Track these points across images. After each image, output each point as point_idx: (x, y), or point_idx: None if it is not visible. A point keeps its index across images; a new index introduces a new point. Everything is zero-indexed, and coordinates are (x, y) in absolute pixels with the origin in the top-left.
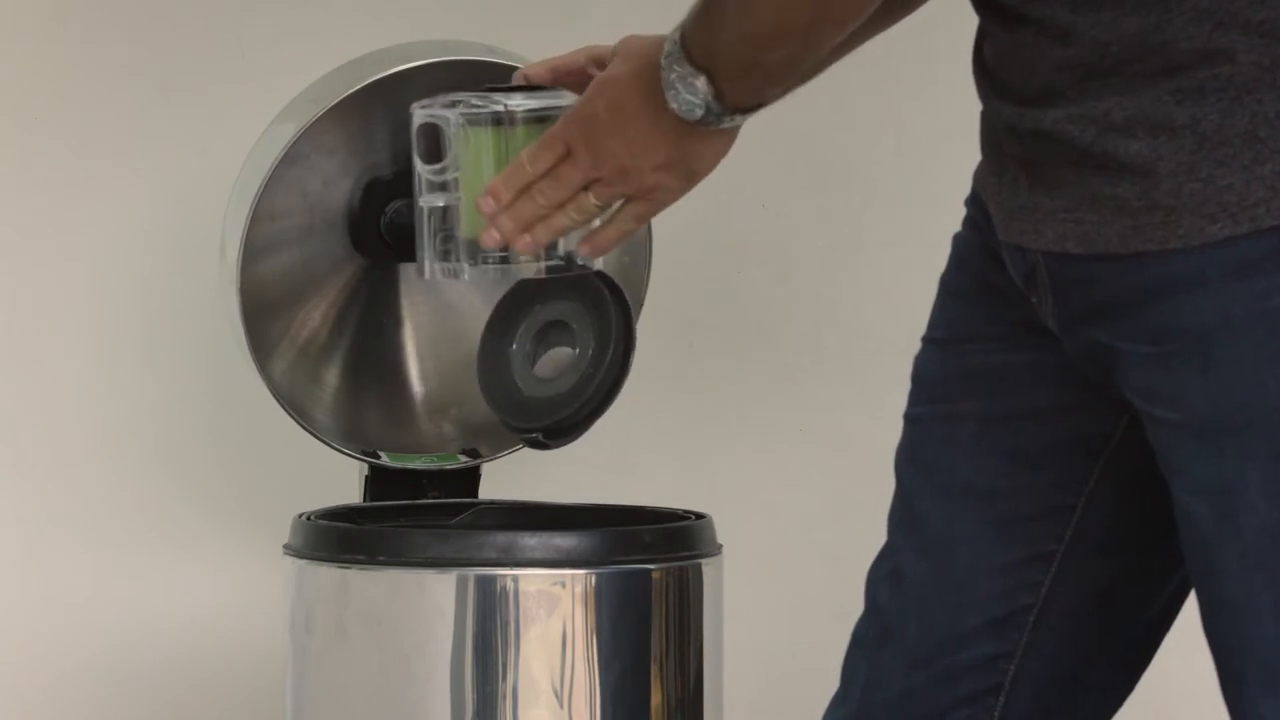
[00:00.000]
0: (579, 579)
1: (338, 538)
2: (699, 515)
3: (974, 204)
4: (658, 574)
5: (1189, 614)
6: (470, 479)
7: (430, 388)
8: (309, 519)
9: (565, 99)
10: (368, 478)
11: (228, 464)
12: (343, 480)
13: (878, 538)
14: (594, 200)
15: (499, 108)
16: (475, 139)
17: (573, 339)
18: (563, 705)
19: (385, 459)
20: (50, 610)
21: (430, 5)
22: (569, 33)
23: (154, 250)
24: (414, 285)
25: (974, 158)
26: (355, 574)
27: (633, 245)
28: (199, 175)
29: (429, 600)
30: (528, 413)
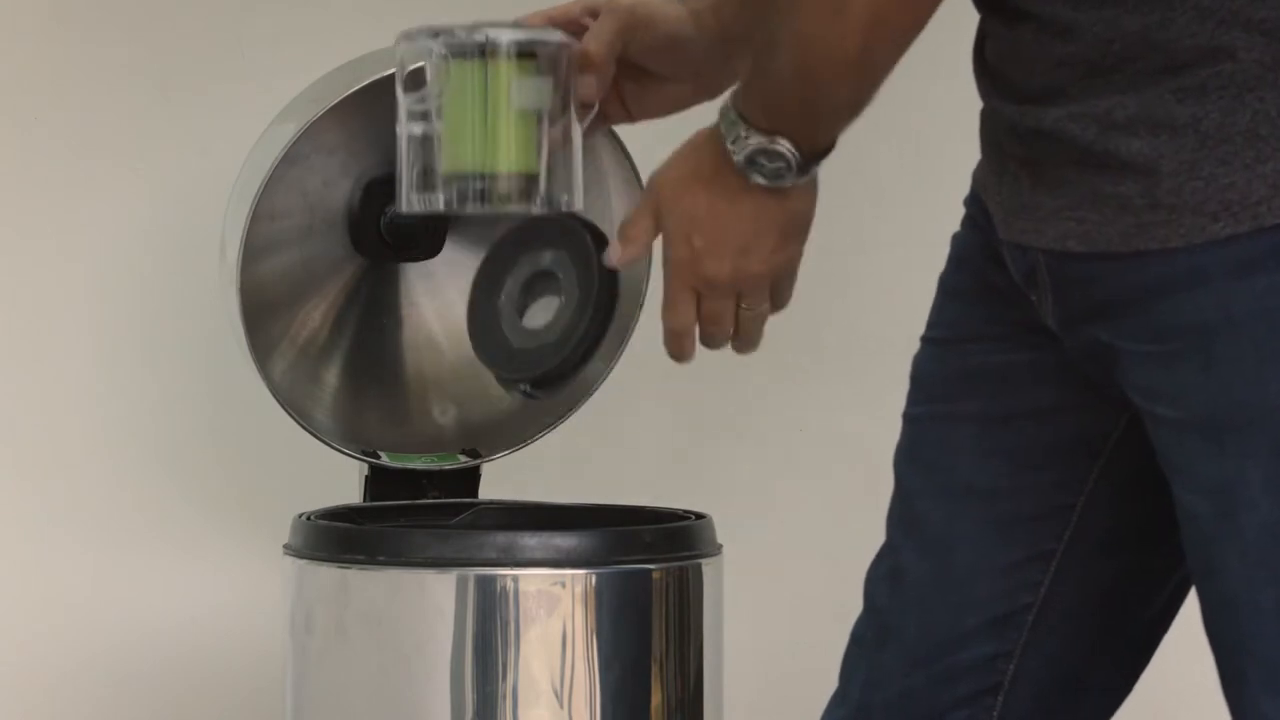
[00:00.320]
0: (579, 579)
1: (338, 538)
2: (699, 515)
3: (974, 203)
4: (658, 574)
5: (1189, 614)
6: (470, 479)
7: (430, 388)
8: (309, 519)
9: (554, 35)
10: (368, 478)
11: (228, 464)
12: (343, 480)
13: (877, 537)
14: (748, 309)
15: (481, 39)
16: (458, 71)
17: (559, 289)
18: (563, 705)
19: (385, 459)
20: (50, 610)
21: (430, 5)
22: None
23: (154, 250)
24: (414, 285)
25: (974, 157)
26: (355, 574)
27: None
28: (199, 175)
29: (429, 600)
30: (516, 364)
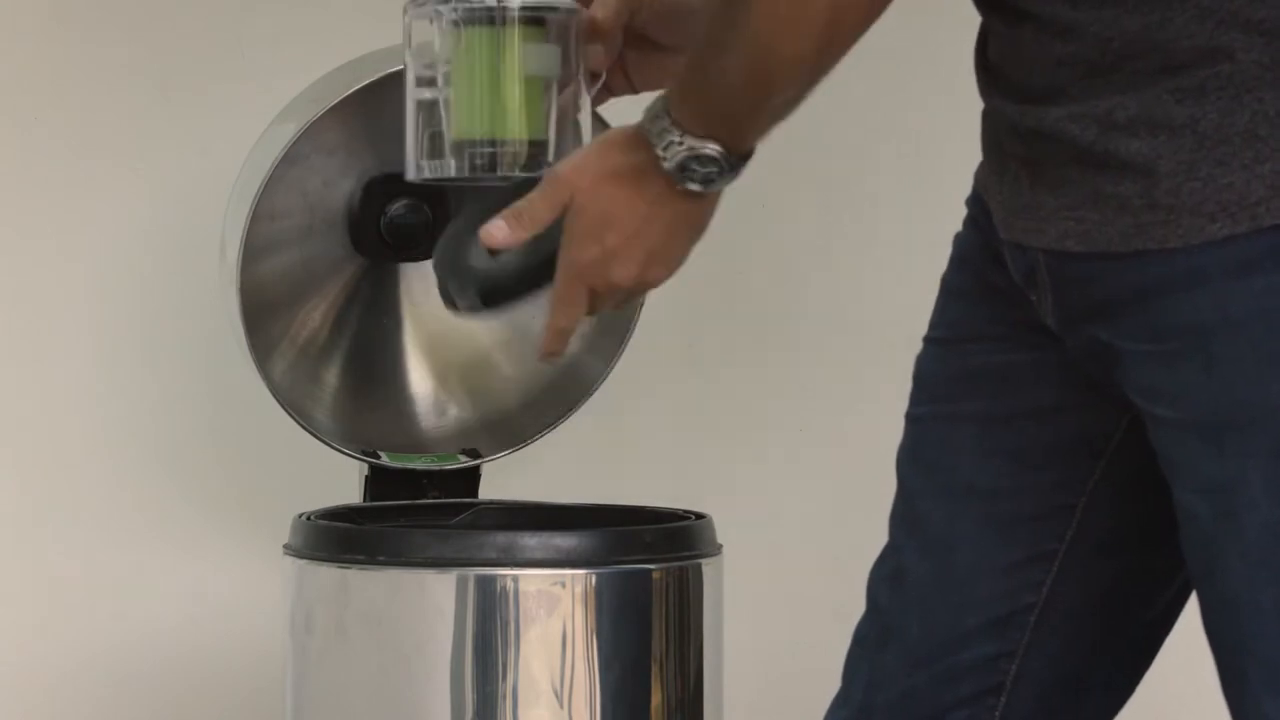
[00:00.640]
0: (579, 579)
1: (338, 538)
2: (699, 515)
3: (975, 203)
4: (658, 574)
5: (1189, 615)
6: (470, 479)
7: (430, 388)
8: (309, 519)
9: (563, 2)
10: (368, 478)
11: (228, 464)
12: (343, 480)
13: (878, 538)
14: (609, 310)
15: (491, 4)
16: (467, 37)
17: None
18: (563, 705)
19: (385, 459)
20: (50, 610)
21: None
22: None
23: (154, 250)
24: (414, 285)
25: (975, 157)
26: (355, 574)
27: None
28: (199, 175)
29: (429, 600)
30: (469, 278)
